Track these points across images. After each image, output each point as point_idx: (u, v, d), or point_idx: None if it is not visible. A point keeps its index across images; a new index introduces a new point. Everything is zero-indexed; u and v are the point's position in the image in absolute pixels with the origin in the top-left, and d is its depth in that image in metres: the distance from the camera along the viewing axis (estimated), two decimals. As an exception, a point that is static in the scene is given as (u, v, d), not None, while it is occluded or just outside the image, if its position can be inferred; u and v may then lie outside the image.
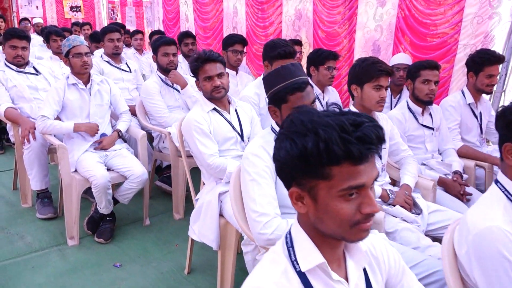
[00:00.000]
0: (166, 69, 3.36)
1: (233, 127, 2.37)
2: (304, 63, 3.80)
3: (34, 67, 3.51)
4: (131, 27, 11.94)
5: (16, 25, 10.60)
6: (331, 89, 3.41)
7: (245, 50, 3.94)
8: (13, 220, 3.11)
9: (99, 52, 5.00)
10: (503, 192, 1.28)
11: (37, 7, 13.14)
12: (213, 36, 5.53)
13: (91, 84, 3.04)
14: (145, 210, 3.11)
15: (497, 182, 1.32)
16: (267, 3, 4.78)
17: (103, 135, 3.03)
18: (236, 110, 2.43)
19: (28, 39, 3.43)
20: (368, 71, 2.18)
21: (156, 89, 3.34)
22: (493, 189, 1.32)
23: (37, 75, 3.50)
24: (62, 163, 2.73)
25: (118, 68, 4.08)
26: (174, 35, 6.04)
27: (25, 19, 8.30)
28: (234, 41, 3.82)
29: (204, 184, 2.44)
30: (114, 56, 4.06)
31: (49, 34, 4.44)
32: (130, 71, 4.17)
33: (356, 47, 4.13)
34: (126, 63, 4.17)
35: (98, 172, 2.72)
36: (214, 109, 2.36)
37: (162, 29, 6.59)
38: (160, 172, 3.77)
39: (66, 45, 2.92)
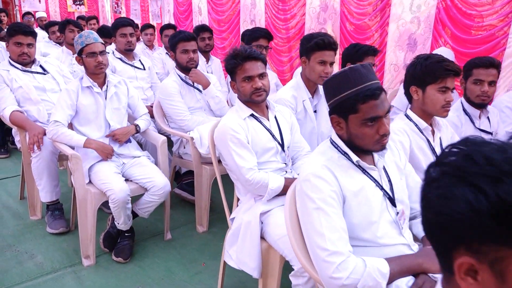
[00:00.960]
0: (186, 67, 3.07)
1: (273, 135, 2.08)
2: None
3: (41, 66, 3.22)
4: (136, 20, 11.63)
5: (19, 20, 10.29)
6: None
7: (269, 46, 3.63)
8: (22, 236, 2.84)
9: (110, 48, 4.71)
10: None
11: (39, 1, 12.86)
12: (228, 30, 5.22)
13: (107, 86, 2.74)
14: (166, 224, 2.83)
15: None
16: (288, -6, 4.46)
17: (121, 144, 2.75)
18: (275, 117, 2.13)
19: (34, 35, 3.14)
20: (432, 70, 1.88)
21: (176, 89, 3.04)
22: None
23: (44, 74, 3.21)
24: (76, 175, 2.44)
25: (131, 65, 3.78)
26: (186, 29, 5.73)
27: (29, 13, 7.99)
28: (258, 35, 3.52)
29: (238, 200, 2.15)
30: (127, 52, 3.77)
31: (67, 23, 4.13)
32: (144, 69, 3.87)
33: (389, 41, 3.82)
34: (140, 60, 3.87)
35: (116, 184, 2.43)
36: (252, 115, 2.06)
37: (172, 22, 6.28)
38: (179, 178, 3.48)
39: (78, 42, 2.63)
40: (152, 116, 3.21)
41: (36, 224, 2.98)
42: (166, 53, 4.95)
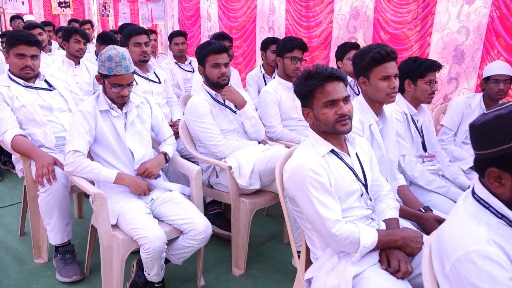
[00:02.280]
0: (217, 84, 2.66)
1: (356, 175, 1.69)
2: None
3: (46, 81, 2.77)
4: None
5: (3, 23, 9.69)
6: (425, 107, 2.75)
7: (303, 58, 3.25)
8: (27, 285, 2.38)
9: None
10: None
11: (22, 3, 12.27)
12: (242, 38, 4.82)
13: (128, 107, 2.32)
14: (199, 268, 2.42)
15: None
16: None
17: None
18: (356, 153, 1.75)
19: (38, 44, 2.69)
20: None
21: (207, 109, 2.64)
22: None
23: (50, 90, 2.76)
24: (101, 218, 2.01)
25: (146, 78, 3.36)
26: (193, 36, 5.32)
27: (17, 17, 7.40)
28: (293, 45, 3.13)
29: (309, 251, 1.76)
30: (141, 64, 3.33)
31: (73, 32, 3.66)
32: (160, 82, 3.45)
33: (431, 53, 3.48)
34: (154, 72, 3.44)
35: (151, 231, 2.01)
36: (332, 151, 1.67)
37: (177, 28, 5.85)
38: (204, 208, 3.05)
39: (105, 65, 2.19)
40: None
41: (43, 270, 2.53)
42: (176, 62, 4.53)
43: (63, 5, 13.21)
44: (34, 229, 2.58)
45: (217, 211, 3.02)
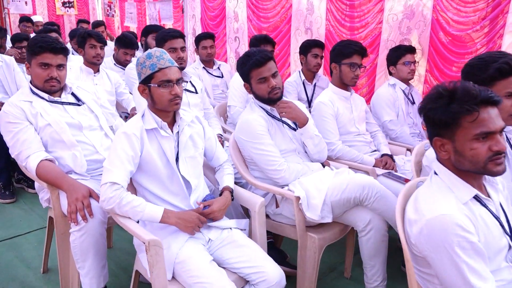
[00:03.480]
0: (269, 100, 2.28)
1: (502, 226, 1.30)
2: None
3: (73, 94, 2.39)
4: (132, 25, 10.75)
5: (9, 25, 9.31)
6: None
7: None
8: None
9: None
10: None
11: (26, 3, 11.95)
12: (275, 40, 4.41)
13: (179, 126, 1.94)
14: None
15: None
16: (360, -3, 3.71)
17: (208, 197, 1.96)
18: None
19: (65, 52, 2.31)
20: None
21: (264, 127, 2.25)
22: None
23: (78, 105, 2.37)
24: (156, 270, 1.62)
25: (186, 90, 2.96)
26: (217, 38, 4.93)
27: (26, 19, 6.98)
28: (352, 50, 2.74)
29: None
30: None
31: (87, 36, 3.28)
32: (196, 92, 3.06)
33: (501, 57, 3.08)
34: (190, 81, 3.06)
35: (218, 283, 1.62)
36: (475, 196, 1.29)
37: (199, 29, 5.46)
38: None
39: (146, 65, 1.84)
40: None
41: (75, 320, 2.14)
42: (204, 67, 4.16)
43: (67, 5, 12.97)
44: (63, 270, 2.20)
45: (269, 240, 2.64)
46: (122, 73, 4.14)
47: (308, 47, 3.63)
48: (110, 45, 4.92)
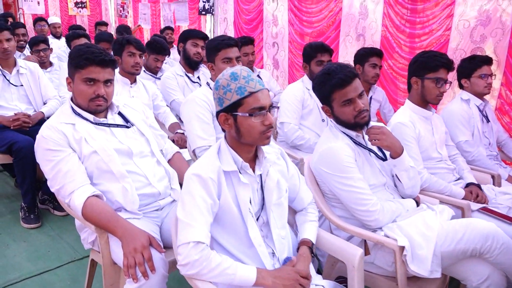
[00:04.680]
0: (356, 124, 1.91)
1: None
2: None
3: (120, 114, 2.02)
4: (146, 26, 10.43)
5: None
6: None
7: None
8: None
9: (176, 70, 3.53)
10: None
11: (38, 3, 11.76)
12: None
13: (262, 166, 1.57)
14: None
15: None
16: (424, 1, 3.32)
17: (287, 259, 1.57)
18: None
19: (115, 65, 1.95)
20: None
21: (351, 158, 1.88)
22: None
23: (127, 127, 2.01)
24: None
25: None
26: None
27: (42, 19, 6.68)
28: (439, 63, 2.36)
29: None
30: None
31: (126, 43, 2.92)
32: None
33: None
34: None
35: None
36: None
37: (231, 34, 5.09)
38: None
39: (232, 89, 1.46)
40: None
41: None
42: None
43: (80, 5, 12.77)
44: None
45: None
46: (152, 81, 3.79)
47: (365, 56, 3.26)
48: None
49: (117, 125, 1.98)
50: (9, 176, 3.90)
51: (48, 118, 3.43)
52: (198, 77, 3.61)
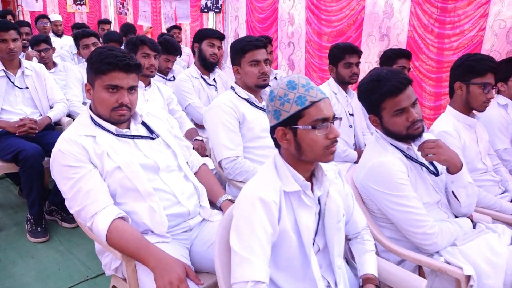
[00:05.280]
0: (407, 136, 1.72)
1: None
2: None
3: (144, 123, 1.82)
4: (146, 24, 10.22)
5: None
6: None
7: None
8: None
9: (190, 72, 3.32)
10: None
11: (36, 0, 11.52)
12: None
13: (322, 185, 1.38)
14: None
15: None
16: (456, 0, 3.13)
17: None
18: None
19: (140, 70, 1.74)
20: None
21: (404, 174, 1.69)
22: None
23: (152, 139, 1.81)
24: None
25: (260, 108, 2.39)
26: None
27: (44, 16, 6.43)
28: (486, 67, 2.17)
29: None
30: (258, 89, 2.38)
31: (140, 44, 2.72)
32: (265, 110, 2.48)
33: None
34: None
35: None
36: None
37: (243, 33, 4.89)
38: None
39: (290, 100, 1.28)
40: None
41: None
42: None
43: (79, 2, 12.54)
44: None
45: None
46: (163, 82, 3.59)
47: (393, 57, 3.08)
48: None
49: (141, 137, 1.79)
50: (12, 184, 3.69)
51: (55, 123, 3.29)
52: (214, 79, 3.41)
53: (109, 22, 6.79)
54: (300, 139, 1.27)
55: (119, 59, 1.65)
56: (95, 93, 1.70)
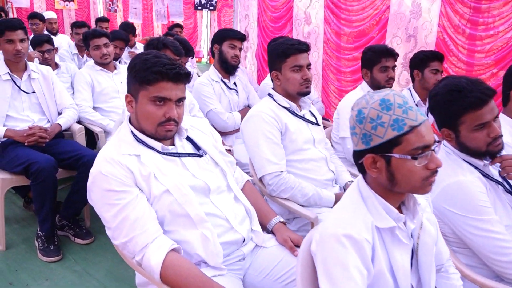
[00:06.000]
0: (489, 152, 1.58)
1: None
2: None
3: (189, 138, 1.63)
4: (137, 21, 9.95)
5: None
6: None
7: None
8: None
9: (210, 75, 3.11)
10: None
11: None
12: (360, 50, 3.66)
13: (415, 215, 1.21)
14: None
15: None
16: (490, 0, 2.98)
17: None
18: None
19: (188, 79, 1.54)
20: None
21: (485, 195, 1.53)
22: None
23: (199, 156, 1.62)
24: None
25: (301, 117, 2.20)
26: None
27: (35, 15, 5.97)
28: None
29: None
30: (299, 97, 2.19)
31: (162, 47, 2.54)
32: (318, 123, 2.30)
33: None
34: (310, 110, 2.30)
35: None
36: None
37: (254, 32, 4.68)
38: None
39: (385, 123, 1.10)
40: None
41: None
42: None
43: (67, -2, 12.12)
44: None
45: None
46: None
47: (425, 60, 2.93)
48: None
49: (188, 154, 1.58)
50: (15, 194, 3.42)
51: (65, 130, 3.04)
52: (234, 83, 3.21)
53: (107, 20, 6.47)
54: (394, 169, 1.09)
55: (168, 68, 1.44)
56: (138, 106, 1.49)
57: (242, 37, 3.13)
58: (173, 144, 1.58)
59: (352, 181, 2.24)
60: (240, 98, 3.20)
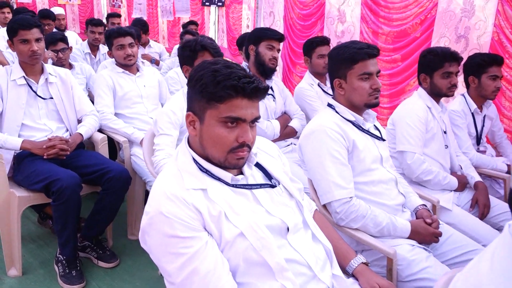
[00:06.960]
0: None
1: None
2: None
3: (258, 165, 1.34)
4: (140, 16, 9.65)
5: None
6: None
7: None
8: None
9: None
10: None
11: None
12: (403, 51, 3.35)
13: None
14: None
15: None
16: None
17: None
18: None
19: (265, 95, 1.24)
20: None
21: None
22: None
23: (272, 186, 1.33)
24: None
25: (367, 132, 1.90)
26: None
27: (48, 15, 5.43)
28: None
29: None
30: (366, 108, 1.89)
31: (200, 49, 2.26)
32: (383, 139, 2.01)
33: None
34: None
35: None
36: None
37: (282, 31, 4.38)
38: None
39: None
40: None
41: None
42: (318, 84, 3.14)
43: (70, -7, 11.92)
44: None
45: None
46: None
47: (483, 65, 2.65)
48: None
49: (260, 185, 1.29)
50: (28, 208, 3.12)
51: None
52: (271, 88, 2.91)
53: (119, 16, 6.10)
54: None
55: (245, 82, 1.15)
56: (204, 127, 1.20)
57: (280, 38, 2.83)
58: (241, 173, 1.29)
59: (424, 205, 1.95)
60: (277, 104, 2.90)
